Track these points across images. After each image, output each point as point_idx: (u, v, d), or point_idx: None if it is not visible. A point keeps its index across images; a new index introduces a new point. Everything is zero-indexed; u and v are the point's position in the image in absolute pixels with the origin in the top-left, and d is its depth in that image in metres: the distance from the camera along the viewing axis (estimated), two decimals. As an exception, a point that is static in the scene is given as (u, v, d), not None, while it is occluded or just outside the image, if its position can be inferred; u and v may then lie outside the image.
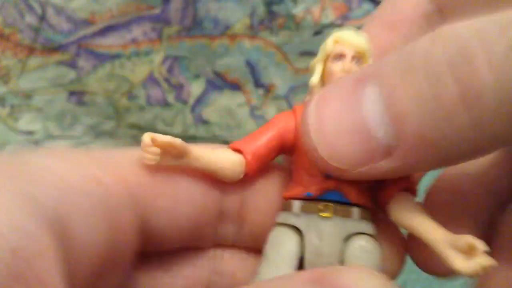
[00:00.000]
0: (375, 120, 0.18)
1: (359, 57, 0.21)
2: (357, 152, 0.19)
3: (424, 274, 0.23)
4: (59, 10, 0.54)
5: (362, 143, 0.19)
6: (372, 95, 0.18)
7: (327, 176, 0.20)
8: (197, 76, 0.57)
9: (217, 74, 0.56)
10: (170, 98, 0.57)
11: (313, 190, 0.20)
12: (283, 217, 0.21)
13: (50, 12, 0.54)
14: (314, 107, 0.20)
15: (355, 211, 0.20)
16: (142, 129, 0.58)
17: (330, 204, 0.20)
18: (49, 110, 0.57)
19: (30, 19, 0.54)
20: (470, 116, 0.16)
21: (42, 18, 0.54)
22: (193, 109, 0.57)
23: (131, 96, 0.57)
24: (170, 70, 0.56)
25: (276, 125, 0.22)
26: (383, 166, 0.19)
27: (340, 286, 0.16)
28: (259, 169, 0.21)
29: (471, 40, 0.17)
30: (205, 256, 0.23)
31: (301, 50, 0.55)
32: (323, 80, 0.22)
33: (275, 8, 0.55)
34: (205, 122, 0.57)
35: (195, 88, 0.56)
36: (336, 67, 0.21)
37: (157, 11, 0.54)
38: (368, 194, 0.21)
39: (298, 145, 0.21)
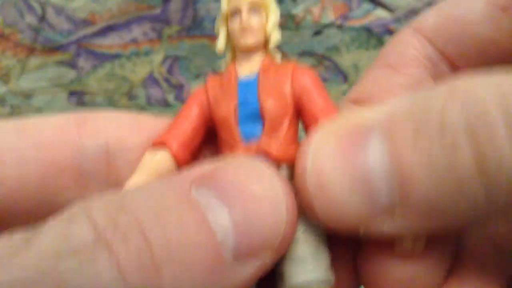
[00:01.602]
0: (380, 177, 0.16)
1: (256, 8, 0.21)
2: (358, 210, 0.17)
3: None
4: (59, 10, 0.54)
5: (363, 201, 0.17)
6: (379, 148, 0.17)
7: (245, 142, 0.20)
8: (197, 76, 0.56)
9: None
10: (170, 98, 0.57)
11: None
12: None
13: (50, 12, 0.54)
14: (312, 153, 0.18)
15: (284, 168, 0.20)
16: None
17: None
18: (49, 110, 0.57)
19: (30, 19, 0.54)
20: (486, 189, 0.15)
21: (42, 18, 0.54)
22: (193, 109, 0.57)
23: (131, 96, 0.57)
24: (170, 70, 0.56)
25: (193, 103, 0.21)
26: (385, 226, 0.17)
27: (228, 183, 0.16)
28: (191, 152, 0.21)
29: (491, 104, 0.15)
30: None
31: (301, 50, 0.55)
32: (230, 42, 0.21)
33: (275, 8, 0.55)
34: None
35: (195, 88, 0.57)
36: (235, 23, 0.21)
37: (157, 11, 0.54)
38: (295, 148, 0.20)
39: (215, 118, 0.20)
